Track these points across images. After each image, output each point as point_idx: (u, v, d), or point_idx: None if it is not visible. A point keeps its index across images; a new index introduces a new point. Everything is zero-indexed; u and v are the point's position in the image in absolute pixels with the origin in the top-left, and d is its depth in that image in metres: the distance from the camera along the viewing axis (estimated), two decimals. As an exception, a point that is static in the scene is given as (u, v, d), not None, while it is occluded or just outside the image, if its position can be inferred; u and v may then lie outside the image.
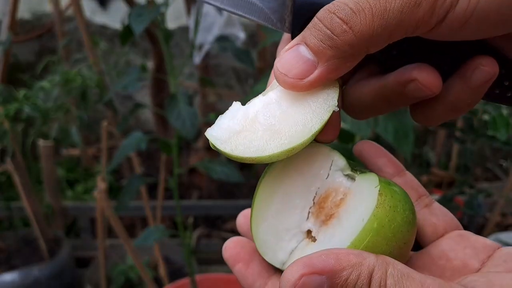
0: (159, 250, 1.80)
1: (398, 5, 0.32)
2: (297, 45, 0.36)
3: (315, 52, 0.35)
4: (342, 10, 0.33)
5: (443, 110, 0.41)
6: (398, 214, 0.36)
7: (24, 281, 1.82)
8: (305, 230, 0.40)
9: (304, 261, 0.30)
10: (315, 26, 0.34)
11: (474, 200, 1.70)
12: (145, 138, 1.41)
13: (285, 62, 0.36)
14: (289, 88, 0.37)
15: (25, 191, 1.81)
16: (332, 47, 0.34)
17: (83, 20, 2.06)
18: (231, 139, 0.37)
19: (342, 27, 0.33)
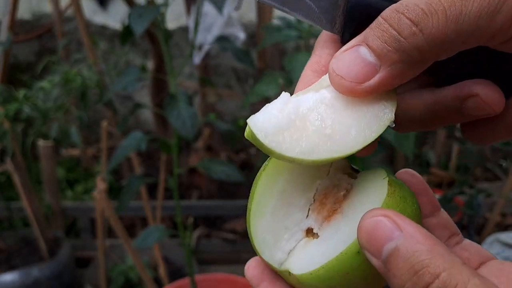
0: (159, 250, 1.80)
1: (476, 10, 0.29)
2: (357, 46, 0.32)
3: (378, 55, 0.31)
4: (412, 10, 0.30)
5: (501, 131, 0.38)
6: (408, 206, 0.35)
7: (24, 281, 1.82)
8: (305, 228, 0.39)
9: None
10: (379, 26, 0.31)
11: (474, 200, 1.70)
12: (145, 138, 1.41)
13: (342, 64, 0.33)
14: (345, 93, 0.34)
15: (25, 191, 1.82)
16: (398, 50, 0.31)
17: (83, 20, 2.06)
18: (277, 134, 0.34)
19: (412, 29, 0.30)
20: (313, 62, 0.39)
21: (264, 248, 0.39)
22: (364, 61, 0.32)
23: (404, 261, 0.28)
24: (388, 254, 0.29)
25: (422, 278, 0.27)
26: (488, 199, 2.02)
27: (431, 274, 0.27)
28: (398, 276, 0.28)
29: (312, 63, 0.39)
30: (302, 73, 0.40)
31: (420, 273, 0.27)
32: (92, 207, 2.13)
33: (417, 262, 0.27)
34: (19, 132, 1.89)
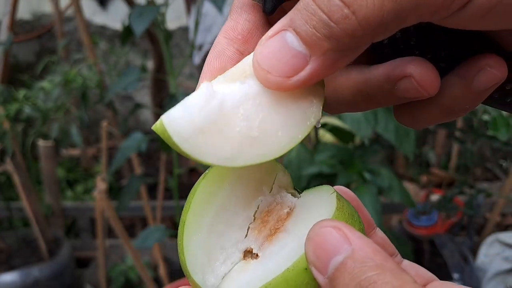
0: (159, 250, 1.80)
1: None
2: (283, 32, 0.28)
3: (307, 43, 0.27)
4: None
5: (435, 114, 0.34)
6: (356, 223, 0.33)
7: (24, 281, 1.82)
8: (243, 249, 0.35)
9: None
10: (307, 7, 0.26)
11: (474, 200, 1.71)
12: (145, 139, 1.41)
13: (268, 54, 0.28)
14: (272, 88, 0.30)
15: (25, 191, 1.82)
16: (329, 37, 0.26)
17: (83, 20, 2.06)
18: (196, 137, 0.30)
19: (343, 12, 0.25)
20: (228, 28, 0.35)
21: (196, 268, 0.34)
22: (291, 51, 0.28)
23: (350, 276, 0.25)
24: (334, 269, 0.26)
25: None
26: (488, 199, 2.02)
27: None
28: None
29: (227, 28, 0.35)
30: (215, 40, 0.36)
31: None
32: (92, 207, 2.13)
33: (364, 278, 0.25)
34: (19, 132, 1.90)
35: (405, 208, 1.88)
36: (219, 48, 0.35)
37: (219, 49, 0.35)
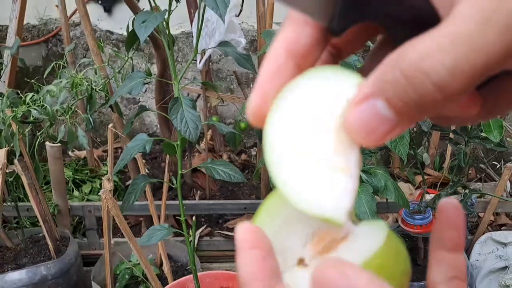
0: (163, 248, 1.82)
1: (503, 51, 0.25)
2: (374, 100, 0.29)
3: (398, 113, 0.28)
4: (437, 72, 0.26)
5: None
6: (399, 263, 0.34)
7: (31, 279, 1.85)
8: (299, 257, 0.36)
9: None
10: (398, 83, 0.27)
11: (467, 200, 1.74)
12: (150, 140, 1.43)
13: (360, 122, 0.30)
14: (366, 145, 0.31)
15: (33, 191, 1.84)
16: (419, 111, 0.28)
17: (89, 26, 2.09)
18: None
19: (434, 95, 0.27)
20: (289, 40, 0.34)
21: None
22: (383, 118, 0.29)
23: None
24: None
25: None
26: (482, 199, 2.05)
27: None
28: None
29: (289, 40, 0.34)
30: (271, 49, 0.34)
31: None
32: (98, 207, 2.17)
33: None
34: (27, 134, 1.91)
35: (400, 208, 1.90)
36: (279, 61, 0.34)
37: (279, 62, 0.34)
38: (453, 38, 0.26)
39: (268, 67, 0.34)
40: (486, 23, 0.26)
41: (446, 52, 0.26)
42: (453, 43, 0.26)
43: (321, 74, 0.33)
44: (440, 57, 0.26)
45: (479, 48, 0.26)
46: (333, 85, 0.33)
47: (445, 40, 0.26)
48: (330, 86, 0.33)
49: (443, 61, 0.26)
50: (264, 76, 0.34)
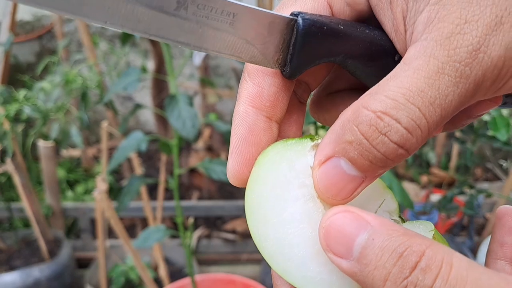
0: (159, 251, 1.81)
1: (456, 103, 0.28)
2: (336, 159, 0.30)
3: (363, 171, 0.30)
4: (395, 132, 0.28)
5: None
6: None
7: (24, 281, 1.82)
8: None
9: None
10: (361, 144, 0.29)
11: (474, 200, 1.70)
12: (145, 139, 1.41)
13: (328, 183, 0.31)
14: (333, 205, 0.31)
15: (25, 191, 1.81)
16: (384, 166, 0.29)
17: (83, 21, 2.06)
18: None
19: (398, 152, 0.28)
20: (253, 95, 0.35)
21: None
22: (348, 177, 0.30)
23: (382, 248, 0.26)
24: (361, 247, 0.27)
25: (409, 258, 0.26)
26: (488, 199, 2.03)
27: (416, 252, 0.26)
28: (380, 267, 0.26)
29: (252, 96, 0.35)
30: (238, 108, 0.35)
31: (404, 255, 0.26)
32: (93, 208, 2.14)
33: (398, 245, 0.26)
34: (20, 133, 1.89)
35: (405, 209, 1.87)
36: (249, 120, 0.35)
37: (250, 122, 0.35)
38: (406, 94, 0.28)
39: (240, 129, 0.35)
40: (438, 74, 0.28)
41: (401, 110, 0.27)
42: (406, 99, 0.28)
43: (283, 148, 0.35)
44: (396, 115, 0.28)
45: (432, 102, 0.28)
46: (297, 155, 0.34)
47: (399, 97, 0.28)
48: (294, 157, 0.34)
49: (400, 119, 0.28)
50: (238, 140, 0.35)
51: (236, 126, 0.35)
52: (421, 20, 0.30)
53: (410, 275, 0.26)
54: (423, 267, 0.25)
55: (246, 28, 0.32)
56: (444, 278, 0.25)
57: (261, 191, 0.34)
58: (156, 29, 0.30)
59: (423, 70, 0.28)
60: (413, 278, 0.25)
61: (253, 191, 0.34)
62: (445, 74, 0.28)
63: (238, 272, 2.09)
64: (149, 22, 0.29)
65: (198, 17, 0.30)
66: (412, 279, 0.25)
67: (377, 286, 0.26)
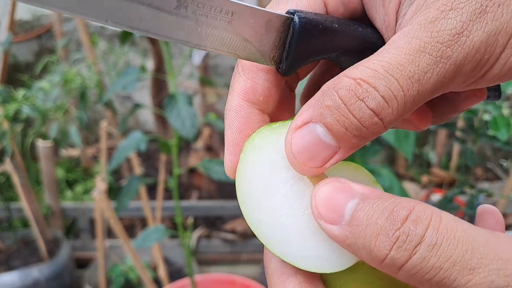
0: (159, 251, 1.80)
1: (434, 81, 0.29)
2: (312, 124, 0.30)
3: (337, 138, 0.30)
4: (373, 98, 0.28)
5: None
6: None
7: (23, 281, 1.82)
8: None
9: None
10: (338, 109, 0.29)
11: (474, 200, 1.70)
12: (145, 139, 1.41)
13: (301, 147, 0.31)
14: (305, 174, 0.33)
15: (25, 191, 1.81)
16: (358, 136, 0.30)
17: (82, 20, 2.06)
18: None
19: (373, 120, 0.29)
20: (246, 89, 0.36)
21: None
22: (323, 144, 0.30)
23: (372, 208, 0.28)
24: (352, 210, 0.28)
25: (398, 213, 0.27)
26: (489, 199, 2.02)
27: (406, 207, 0.27)
28: (371, 224, 0.27)
29: (246, 90, 0.36)
30: (231, 102, 0.36)
31: (394, 210, 0.27)
32: (92, 208, 2.13)
33: (387, 204, 0.27)
34: (19, 133, 1.89)
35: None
36: (243, 114, 0.36)
37: (244, 115, 0.36)
38: (386, 66, 0.29)
39: (235, 123, 0.36)
40: (419, 52, 0.29)
41: (380, 79, 0.28)
42: (386, 70, 0.29)
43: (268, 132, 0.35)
44: (374, 84, 0.28)
45: (411, 77, 0.28)
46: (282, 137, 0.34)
47: (379, 68, 0.29)
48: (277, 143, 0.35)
49: (378, 87, 0.28)
50: (233, 134, 0.36)
51: (230, 120, 0.36)
52: (410, 10, 0.31)
53: (401, 226, 0.27)
54: (414, 218, 0.27)
55: (244, 26, 0.33)
56: (435, 227, 0.26)
57: (250, 177, 0.34)
58: (156, 28, 0.30)
59: (404, 47, 0.29)
60: (405, 229, 0.26)
61: (243, 178, 0.34)
62: (426, 53, 0.28)
63: (238, 272, 2.08)
64: (149, 21, 0.30)
65: (198, 16, 0.31)
66: (404, 229, 0.26)
67: (369, 243, 0.27)
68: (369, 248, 0.27)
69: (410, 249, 0.26)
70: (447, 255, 0.26)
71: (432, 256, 0.26)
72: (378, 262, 0.27)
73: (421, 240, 0.26)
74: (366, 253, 0.28)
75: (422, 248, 0.26)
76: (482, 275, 0.25)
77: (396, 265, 0.27)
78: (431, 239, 0.26)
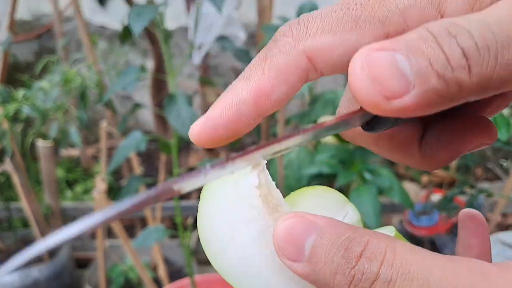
0: (158, 251, 1.80)
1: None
2: (393, 52, 0.26)
3: (417, 72, 0.25)
4: (466, 39, 0.25)
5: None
6: None
7: (23, 281, 1.82)
8: None
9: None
10: (426, 40, 0.26)
11: (474, 200, 1.70)
12: (145, 139, 1.41)
13: (377, 67, 0.26)
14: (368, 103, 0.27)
15: (25, 191, 1.81)
16: (440, 76, 0.25)
17: (82, 20, 2.06)
18: None
19: (462, 62, 0.25)
20: (262, 92, 0.33)
21: None
22: (399, 72, 0.26)
23: (330, 244, 0.27)
24: (311, 247, 0.28)
25: (354, 249, 0.27)
26: (489, 199, 2.02)
27: (360, 243, 0.27)
28: (328, 262, 0.27)
29: (261, 92, 0.33)
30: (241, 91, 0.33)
31: (349, 247, 0.27)
32: (92, 208, 2.13)
33: (344, 239, 0.27)
34: (19, 133, 1.89)
35: (405, 208, 1.87)
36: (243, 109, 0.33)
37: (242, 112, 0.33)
38: (483, 17, 0.26)
39: (230, 110, 0.33)
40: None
41: (474, 24, 0.25)
42: (483, 21, 0.26)
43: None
44: (469, 28, 0.25)
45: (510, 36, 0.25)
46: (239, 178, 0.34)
47: (472, 17, 0.26)
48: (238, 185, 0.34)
49: (472, 33, 0.25)
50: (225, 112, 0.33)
51: (226, 103, 0.33)
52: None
53: (356, 264, 0.26)
54: (368, 255, 0.26)
55: None
56: (389, 263, 0.26)
57: (211, 224, 0.34)
58: None
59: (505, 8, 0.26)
60: (359, 267, 0.26)
61: (204, 226, 0.34)
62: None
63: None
64: None
65: None
66: (359, 267, 0.26)
67: (329, 281, 0.27)
68: (330, 287, 0.27)
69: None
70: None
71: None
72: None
73: (376, 278, 0.26)
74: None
75: (377, 286, 0.26)
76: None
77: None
78: (385, 275, 0.26)
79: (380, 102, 0.26)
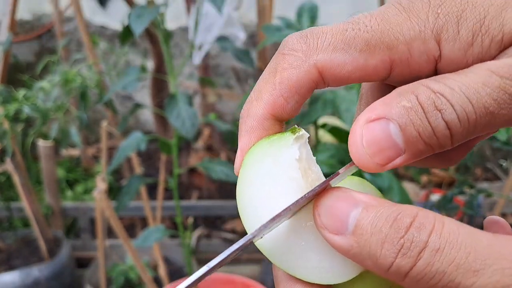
0: (159, 250, 1.80)
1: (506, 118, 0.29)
2: (386, 121, 0.30)
3: (407, 142, 0.30)
4: (449, 112, 0.29)
5: None
6: None
7: (24, 281, 1.82)
8: None
9: None
10: (416, 112, 0.29)
11: (474, 200, 1.70)
12: (145, 139, 1.41)
13: (372, 140, 0.30)
14: (364, 169, 0.31)
15: (25, 191, 1.81)
16: (427, 144, 0.29)
17: (83, 20, 2.06)
18: None
19: (445, 132, 0.29)
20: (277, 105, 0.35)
21: None
22: (392, 142, 0.30)
23: (376, 216, 0.28)
24: (356, 220, 0.29)
25: (403, 220, 0.27)
26: (489, 199, 2.02)
27: (409, 215, 0.28)
28: (376, 232, 0.28)
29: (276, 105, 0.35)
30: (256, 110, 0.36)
31: (398, 217, 0.28)
32: (92, 207, 2.13)
33: (391, 211, 0.28)
34: (19, 132, 1.89)
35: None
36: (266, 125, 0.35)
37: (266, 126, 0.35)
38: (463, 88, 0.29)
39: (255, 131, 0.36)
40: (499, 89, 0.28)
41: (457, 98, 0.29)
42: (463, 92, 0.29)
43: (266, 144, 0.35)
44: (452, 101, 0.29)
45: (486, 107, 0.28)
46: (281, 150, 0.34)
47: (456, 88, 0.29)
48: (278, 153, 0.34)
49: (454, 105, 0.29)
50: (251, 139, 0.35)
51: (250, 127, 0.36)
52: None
53: (406, 233, 0.27)
54: (417, 225, 0.27)
55: None
56: (438, 232, 0.27)
57: (250, 192, 0.34)
58: None
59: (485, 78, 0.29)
60: (409, 236, 0.27)
61: (243, 193, 0.34)
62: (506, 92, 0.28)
63: (238, 272, 2.08)
64: None
65: None
66: (408, 236, 0.27)
67: (375, 251, 0.28)
68: (375, 257, 0.28)
69: (415, 256, 0.27)
70: (450, 259, 0.26)
71: (436, 261, 0.26)
72: (384, 271, 0.28)
73: (425, 246, 0.27)
74: (372, 262, 0.28)
75: (426, 253, 0.26)
76: (487, 276, 0.26)
77: (402, 272, 0.27)
78: (434, 244, 0.26)
79: (376, 167, 0.30)
